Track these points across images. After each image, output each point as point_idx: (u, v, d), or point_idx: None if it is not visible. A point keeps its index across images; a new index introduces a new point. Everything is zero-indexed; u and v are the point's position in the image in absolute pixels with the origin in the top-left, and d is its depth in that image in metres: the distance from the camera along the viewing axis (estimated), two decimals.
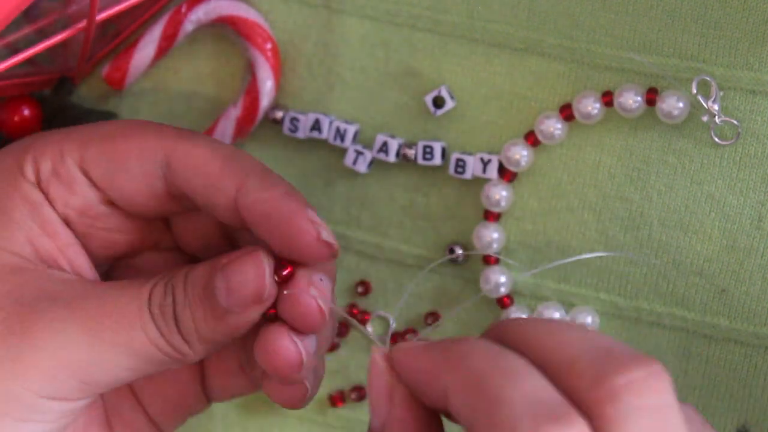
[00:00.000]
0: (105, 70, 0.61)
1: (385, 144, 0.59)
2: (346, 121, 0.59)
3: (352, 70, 0.60)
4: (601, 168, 0.57)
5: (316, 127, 0.59)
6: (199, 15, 0.60)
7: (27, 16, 0.58)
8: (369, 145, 0.59)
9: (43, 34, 0.57)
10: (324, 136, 0.59)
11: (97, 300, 0.49)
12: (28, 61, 0.57)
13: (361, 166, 0.59)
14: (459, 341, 0.44)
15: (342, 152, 0.60)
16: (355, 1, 0.59)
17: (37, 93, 0.61)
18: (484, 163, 0.58)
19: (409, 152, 0.59)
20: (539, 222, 0.58)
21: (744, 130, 0.55)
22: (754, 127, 0.55)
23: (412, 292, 0.60)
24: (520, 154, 0.57)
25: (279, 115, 0.60)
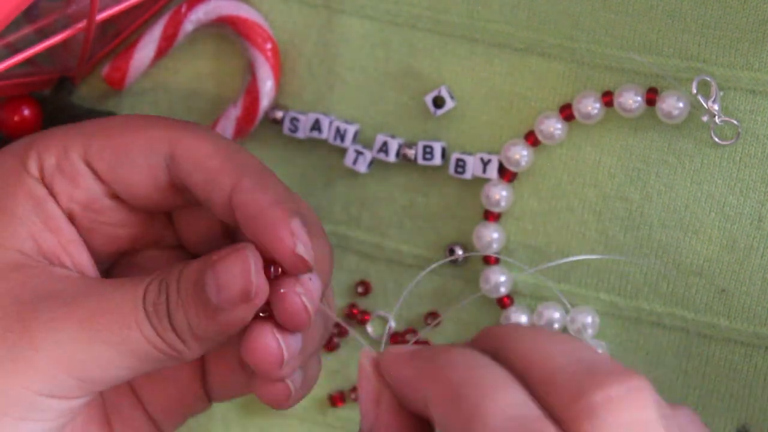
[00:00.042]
0: (105, 70, 0.61)
1: (385, 144, 0.59)
2: (346, 121, 0.59)
3: (352, 70, 0.60)
4: (601, 168, 0.57)
5: (316, 127, 0.59)
6: (199, 15, 0.60)
7: (27, 16, 0.58)
8: (369, 145, 0.59)
9: (43, 34, 0.57)
10: (324, 136, 0.59)
11: (95, 298, 0.49)
12: (28, 61, 0.57)
13: (361, 166, 0.59)
14: (442, 350, 0.44)
15: (342, 152, 0.60)
16: (355, 1, 0.59)
17: (37, 93, 0.61)
18: (484, 163, 0.58)
19: (409, 152, 0.59)
20: (539, 222, 0.58)
21: (744, 130, 0.55)
22: (754, 127, 0.55)
23: (412, 292, 0.60)
24: (520, 154, 0.57)
25: (279, 115, 0.60)
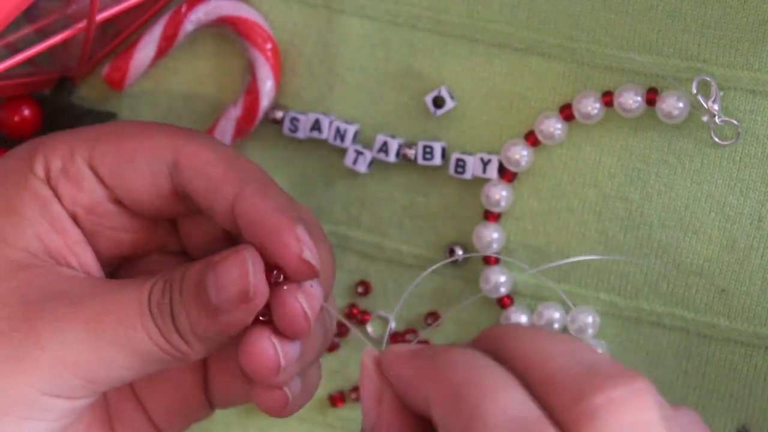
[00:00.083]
0: (105, 70, 0.61)
1: (385, 144, 0.59)
2: (346, 121, 0.59)
3: (352, 70, 0.60)
4: (601, 168, 0.57)
5: (316, 127, 0.59)
6: (199, 15, 0.60)
7: (27, 16, 0.58)
8: (369, 145, 0.59)
9: (43, 34, 0.57)
10: (324, 136, 0.59)
11: (101, 298, 0.49)
12: (28, 61, 0.57)
13: (361, 166, 0.59)
14: (443, 350, 0.44)
15: (342, 152, 0.60)
16: (355, 1, 0.59)
17: (37, 93, 0.61)
18: (484, 163, 0.58)
19: (409, 152, 0.59)
20: (539, 222, 0.58)
21: (744, 130, 0.55)
22: (754, 127, 0.55)
23: (412, 292, 0.60)
24: (520, 154, 0.57)
25: (279, 115, 0.60)
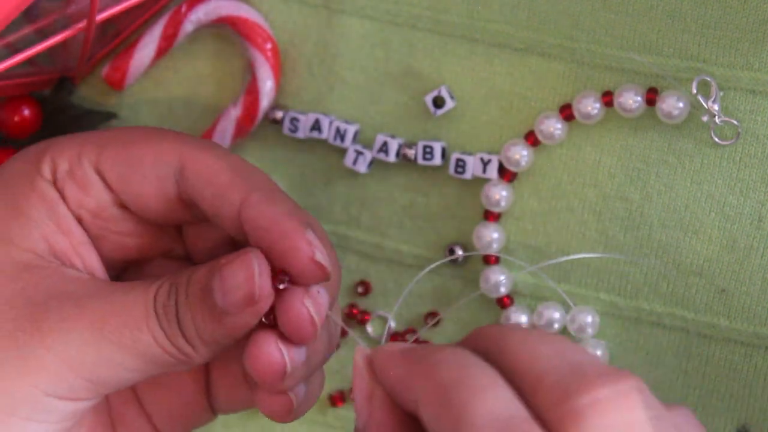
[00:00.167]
0: (105, 70, 0.61)
1: (385, 144, 0.59)
2: (346, 121, 0.59)
3: (352, 70, 0.60)
4: (601, 168, 0.57)
5: (316, 127, 0.59)
6: (199, 15, 0.60)
7: (27, 16, 0.58)
8: (369, 145, 0.59)
9: (43, 34, 0.57)
10: (324, 136, 0.59)
11: (106, 299, 0.49)
12: (28, 61, 0.57)
13: (361, 166, 0.59)
14: (432, 349, 0.44)
15: (342, 152, 0.60)
16: (355, 1, 0.59)
17: (37, 93, 0.61)
18: (484, 163, 0.58)
19: (409, 152, 0.59)
20: (539, 222, 0.58)
21: (744, 130, 0.55)
22: (754, 127, 0.55)
23: (412, 292, 0.60)
24: (520, 154, 0.57)
25: (279, 115, 0.60)
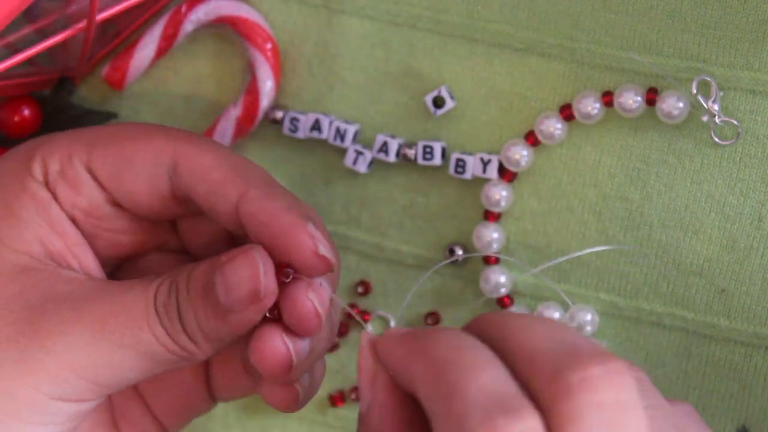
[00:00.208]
0: (105, 70, 0.61)
1: (385, 144, 0.59)
2: (346, 121, 0.59)
3: (352, 70, 0.60)
4: (601, 168, 0.57)
5: (316, 127, 0.59)
6: (199, 15, 0.60)
7: (27, 16, 0.58)
8: (369, 145, 0.59)
9: (43, 34, 0.57)
10: (324, 136, 0.59)
11: (105, 300, 0.49)
12: (28, 61, 0.57)
13: (361, 166, 0.59)
14: (431, 331, 0.45)
15: (342, 152, 0.60)
16: (355, 1, 0.59)
17: (37, 93, 0.61)
18: (484, 163, 0.58)
19: (409, 152, 0.59)
20: (539, 222, 0.58)
21: (744, 130, 0.55)
22: (754, 127, 0.55)
23: (413, 292, 0.60)
24: (520, 154, 0.57)
25: (279, 115, 0.60)
